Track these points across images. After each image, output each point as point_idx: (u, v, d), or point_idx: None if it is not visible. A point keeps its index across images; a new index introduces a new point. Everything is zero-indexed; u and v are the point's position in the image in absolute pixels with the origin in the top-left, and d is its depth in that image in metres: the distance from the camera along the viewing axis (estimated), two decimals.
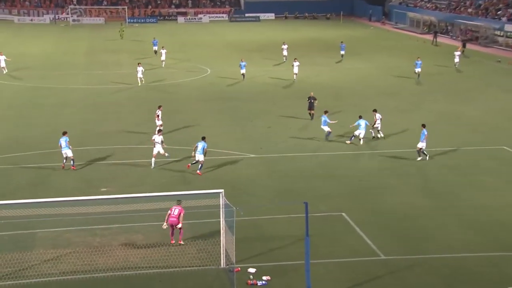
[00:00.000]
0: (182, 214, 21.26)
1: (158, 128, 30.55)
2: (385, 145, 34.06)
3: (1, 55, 55.07)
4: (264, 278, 19.35)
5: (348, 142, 34.08)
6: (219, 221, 20.21)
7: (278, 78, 53.47)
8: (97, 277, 19.15)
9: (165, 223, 21.30)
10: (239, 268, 19.73)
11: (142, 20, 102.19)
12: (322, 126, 35.02)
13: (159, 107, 36.98)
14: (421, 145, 31.46)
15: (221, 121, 39.56)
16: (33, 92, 48.34)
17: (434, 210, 25.18)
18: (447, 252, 21.32)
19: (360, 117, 34.22)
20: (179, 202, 21.39)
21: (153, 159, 29.98)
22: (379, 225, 23.63)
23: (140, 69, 49.86)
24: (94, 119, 40.01)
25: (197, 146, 29.33)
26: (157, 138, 30.15)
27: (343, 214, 24.57)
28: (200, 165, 29.29)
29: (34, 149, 32.90)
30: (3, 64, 54.75)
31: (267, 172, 30.18)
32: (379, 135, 35.15)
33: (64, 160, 29.52)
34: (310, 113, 39.44)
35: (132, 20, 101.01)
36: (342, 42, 64.21)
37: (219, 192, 20.00)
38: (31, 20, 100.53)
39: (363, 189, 27.65)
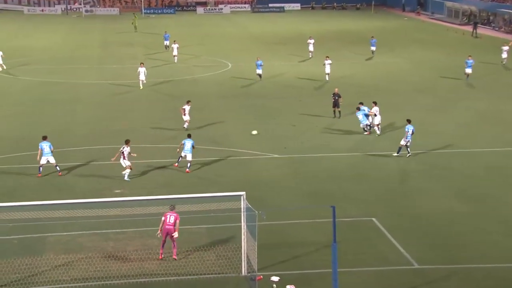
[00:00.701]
0: (178, 222, 20.89)
1: (126, 139, 29.57)
2: (417, 146, 33.81)
3: None
4: (288, 287, 19.35)
5: (366, 133, 35.21)
6: (240, 226, 20.26)
7: (304, 74, 53.41)
8: (110, 284, 19.34)
9: (159, 231, 20.96)
10: (261, 276, 19.76)
11: (159, 11, 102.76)
12: (361, 122, 35.28)
13: (188, 102, 36.91)
14: (404, 142, 31.79)
15: (242, 118, 39.64)
16: (43, 87, 48.98)
17: (473, 216, 24.94)
18: (489, 262, 21.09)
19: (361, 104, 35.74)
20: (173, 208, 21.11)
21: (127, 171, 28.78)
22: (413, 232, 23.48)
23: (142, 70, 47.03)
24: (108, 117, 40.39)
25: (184, 144, 29.78)
26: (126, 150, 28.93)
27: (374, 219, 24.47)
28: (189, 164, 29.77)
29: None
30: (0, 61, 53.62)
31: (292, 173, 30.17)
32: (377, 131, 35.75)
33: (40, 169, 28.85)
34: (334, 111, 39.39)
35: (148, 11, 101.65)
36: (372, 37, 62.86)
37: (241, 195, 20.06)
38: (42, 10, 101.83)
39: (395, 193, 27.50)
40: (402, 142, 32.00)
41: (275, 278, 19.82)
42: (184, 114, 36.46)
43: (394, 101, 44.55)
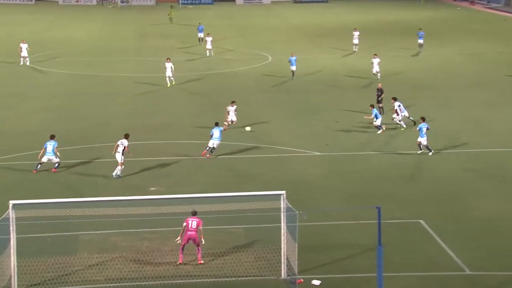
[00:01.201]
0: (201, 227, 20.83)
1: (126, 133, 29.58)
2: (470, 144, 33.17)
3: (24, 43, 53.76)
4: None
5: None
6: (280, 227, 20.18)
7: (348, 68, 52.97)
8: (145, 285, 19.48)
9: (179, 238, 20.84)
10: (302, 280, 19.66)
11: (197, 1, 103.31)
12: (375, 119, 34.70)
13: (232, 102, 36.07)
14: (421, 140, 31.35)
15: (282, 114, 39.54)
16: (79, 80, 49.74)
17: None
18: None
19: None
20: (195, 213, 21.04)
21: (119, 168, 28.74)
22: (464, 235, 23.04)
23: (169, 65, 45.48)
24: (144, 111, 40.78)
25: (212, 134, 30.97)
26: (125, 142, 28.88)
27: (421, 221, 24.10)
28: (212, 151, 31.01)
29: (79, 143, 33.80)
30: (24, 53, 53.32)
31: (334, 172, 29.96)
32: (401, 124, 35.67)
33: (39, 166, 29.12)
34: (379, 107, 38.97)
35: (185, 2, 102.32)
36: (420, 29, 61.22)
37: (280, 194, 19.97)
38: (77, 1, 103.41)
39: (444, 193, 27.04)
40: (420, 140, 31.51)
41: (316, 282, 19.68)
42: (228, 115, 35.65)
43: (447, 96, 43.85)
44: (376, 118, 35.18)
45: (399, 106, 35.96)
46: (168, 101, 43.09)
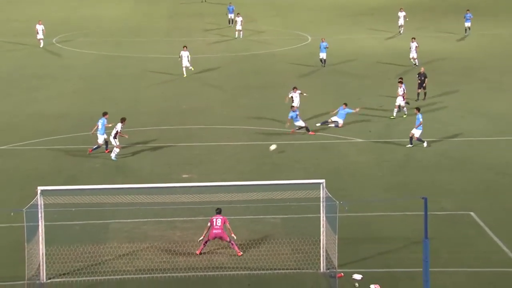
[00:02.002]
0: (227, 224, 20.88)
1: (122, 117, 29.77)
2: None
3: (40, 24, 53.58)
4: (372, 286, 19.12)
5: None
6: (319, 217, 20.14)
7: (392, 51, 52.36)
8: (177, 277, 19.66)
9: (202, 237, 20.90)
10: (342, 274, 19.61)
11: None
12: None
13: (294, 88, 35.58)
14: (415, 132, 30.72)
15: (322, 98, 39.34)
16: (108, 61, 50.21)
17: None
18: None
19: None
20: (219, 211, 21.11)
21: (116, 150, 29.29)
22: None
23: (185, 54, 44.25)
24: (177, 94, 41.01)
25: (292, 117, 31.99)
26: (118, 126, 29.33)
27: (472, 213, 23.82)
28: (306, 129, 32.27)
29: (110, 127, 34.12)
30: (40, 36, 53.22)
31: (378, 160, 29.75)
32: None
33: (103, 146, 29.74)
34: (419, 93, 38.49)
35: None
36: (468, 10, 58.90)
37: (320, 183, 19.92)
38: None
39: (497, 184, 26.67)
40: (414, 132, 30.86)
41: (357, 276, 19.61)
42: (293, 102, 34.91)
43: (500, 80, 43.07)
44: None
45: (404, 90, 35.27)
46: (200, 84, 43.23)
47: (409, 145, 30.88)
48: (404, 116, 35.06)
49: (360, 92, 40.48)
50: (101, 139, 29.90)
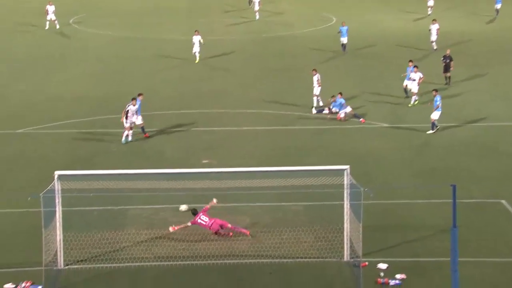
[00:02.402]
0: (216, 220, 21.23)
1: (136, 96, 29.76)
2: None
3: (50, 4, 53.67)
4: (398, 276, 19.04)
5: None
6: (343, 204, 20.06)
7: (420, 32, 51.80)
8: (197, 264, 19.72)
9: (174, 228, 21.15)
10: (367, 263, 19.53)
11: None
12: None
13: (313, 70, 34.91)
14: (433, 115, 30.40)
15: (345, 81, 39.11)
16: (124, 43, 50.30)
17: None
18: None
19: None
20: (195, 211, 21.37)
21: (125, 133, 29.44)
22: None
23: (197, 39, 43.57)
24: (196, 77, 40.98)
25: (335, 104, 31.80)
26: (132, 108, 29.39)
27: (503, 201, 23.59)
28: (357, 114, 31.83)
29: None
30: (52, 17, 53.14)
31: (404, 146, 29.55)
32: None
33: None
34: (445, 76, 38.04)
35: None
36: None
37: (344, 169, 19.81)
38: None
39: None
40: (433, 116, 30.57)
41: (382, 266, 19.53)
42: (319, 85, 34.29)
43: None
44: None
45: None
46: (220, 67, 43.16)
47: (430, 131, 30.56)
48: (416, 103, 34.41)
49: (384, 74, 40.14)
50: (139, 120, 29.91)
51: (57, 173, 19.38)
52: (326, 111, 33.29)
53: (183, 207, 22.63)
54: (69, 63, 44.25)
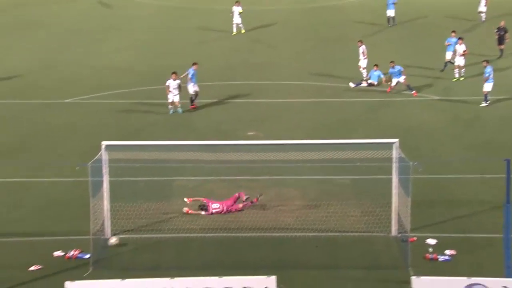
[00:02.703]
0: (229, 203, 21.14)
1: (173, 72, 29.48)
2: None
3: None
4: (448, 252, 18.76)
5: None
6: (391, 178, 19.77)
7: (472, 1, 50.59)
8: (243, 237, 19.72)
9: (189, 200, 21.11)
10: (415, 238, 19.28)
11: None
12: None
13: (359, 42, 34.13)
14: (485, 86, 29.61)
15: (394, 53, 38.38)
16: (174, 12, 50.29)
17: None
18: None
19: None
20: (203, 207, 21.09)
21: (171, 109, 29.48)
22: None
23: (236, 9, 42.87)
24: (244, 48, 40.82)
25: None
26: (172, 83, 29.19)
27: None
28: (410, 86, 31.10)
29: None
30: None
31: (456, 119, 29.03)
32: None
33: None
34: (500, 49, 37.01)
35: None
36: None
37: (392, 143, 19.50)
38: None
39: None
40: (485, 88, 29.82)
41: (431, 241, 19.29)
42: (365, 57, 33.58)
43: None
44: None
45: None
46: (270, 38, 42.86)
47: (483, 103, 29.88)
48: (462, 78, 33.60)
49: (434, 46, 39.26)
50: (191, 89, 29.89)
51: (104, 143, 19.50)
52: (364, 84, 32.82)
53: (113, 240, 19.52)
54: (116, 34, 44.49)
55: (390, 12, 44.18)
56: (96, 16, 49.64)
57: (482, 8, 44.78)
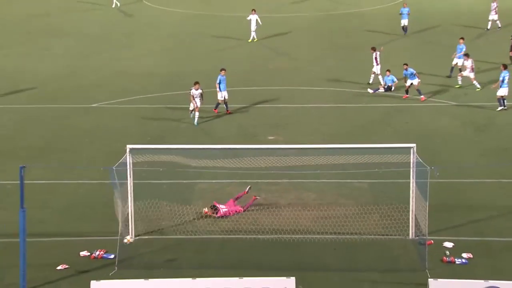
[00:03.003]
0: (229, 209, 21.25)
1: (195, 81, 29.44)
2: None
3: None
4: (464, 255, 18.72)
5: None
6: (409, 183, 19.78)
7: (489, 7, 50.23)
8: (262, 239, 19.82)
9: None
10: (432, 241, 19.26)
11: None
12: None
13: (372, 48, 34.34)
14: (501, 92, 29.41)
15: (414, 60, 38.25)
16: (195, 20, 50.53)
17: None
18: None
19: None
20: (214, 207, 21.22)
21: (192, 114, 29.33)
22: None
23: (253, 18, 42.56)
24: (263, 54, 40.92)
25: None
26: (194, 92, 29.15)
27: None
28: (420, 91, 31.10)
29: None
30: None
31: (473, 124, 28.90)
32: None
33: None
34: (511, 57, 36.67)
35: None
36: None
37: (410, 147, 19.52)
38: None
39: None
40: (499, 93, 29.69)
41: (448, 244, 19.27)
42: (377, 63, 33.76)
43: None
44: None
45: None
46: (288, 44, 42.96)
47: (500, 108, 29.73)
48: (478, 89, 33.10)
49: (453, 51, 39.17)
50: (220, 95, 30.15)
51: (128, 146, 19.72)
52: (381, 89, 32.83)
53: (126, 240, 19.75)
54: (139, 40, 44.80)
55: (404, 22, 44.28)
56: (119, 23, 50.03)
57: (493, 16, 44.52)
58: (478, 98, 31.84)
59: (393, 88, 32.79)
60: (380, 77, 33.69)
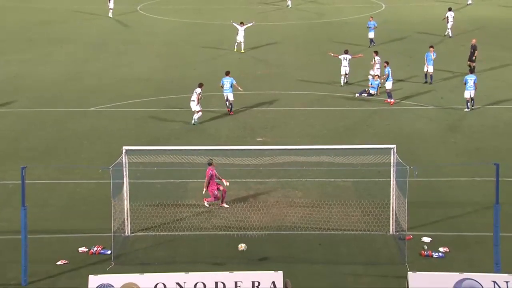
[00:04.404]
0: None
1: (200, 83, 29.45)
2: None
3: None
4: (441, 249, 18.71)
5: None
6: (389, 181, 19.75)
7: (466, 18, 50.45)
8: (251, 235, 19.74)
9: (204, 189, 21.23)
10: (411, 236, 19.25)
11: None
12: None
13: (375, 52, 34.55)
14: (467, 93, 29.64)
15: (395, 65, 38.31)
16: (189, 28, 50.42)
17: None
18: None
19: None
20: (210, 163, 21.12)
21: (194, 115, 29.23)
22: None
23: (241, 29, 41.94)
24: (252, 60, 40.85)
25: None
26: (198, 90, 29.18)
27: None
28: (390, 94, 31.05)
29: (191, 91, 34.37)
30: (111, 5, 52.59)
31: (449, 126, 28.94)
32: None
33: (227, 103, 30.21)
34: (469, 65, 36.65)
35: None
36: None
37: (391, 148, 19.49)
38: None
39: None
40: (466, 95, 29.89)
41: (426, 239, 19.25)
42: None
43: None
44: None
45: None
46: (275, 51, 42.91)
47: (466, 109, 29.98)
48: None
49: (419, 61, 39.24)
50: (231, 96, 30.10)
51: (125, 148, 19.61)
52: (365, 94, 32.79)
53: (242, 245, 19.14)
54: (135, 47, 44.60)
55: (370, 34, 43.47)
56: (116, 32, 49.81)
57: (450, 24, 44.84)
58: (453, 102, 31.87)
59: (377, 93, 32.70)
60: (375, 78, 33.36)
